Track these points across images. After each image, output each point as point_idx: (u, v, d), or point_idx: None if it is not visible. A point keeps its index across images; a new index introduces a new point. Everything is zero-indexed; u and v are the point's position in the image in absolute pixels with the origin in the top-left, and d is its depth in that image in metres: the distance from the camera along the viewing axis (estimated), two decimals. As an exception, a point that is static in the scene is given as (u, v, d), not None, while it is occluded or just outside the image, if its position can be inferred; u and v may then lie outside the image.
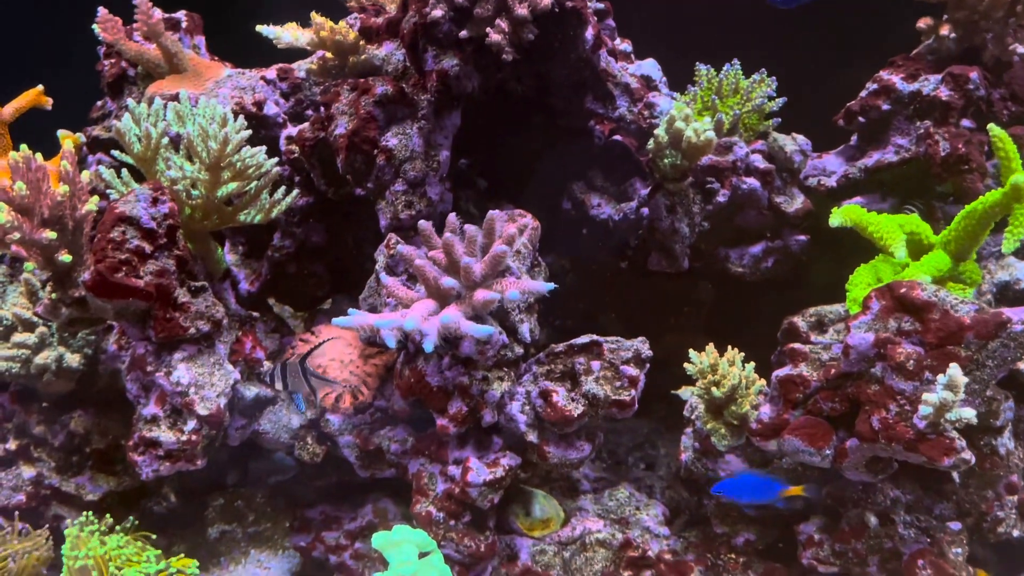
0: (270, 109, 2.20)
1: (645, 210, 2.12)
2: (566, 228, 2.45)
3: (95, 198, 1.79)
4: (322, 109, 2.08)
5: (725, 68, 2.31)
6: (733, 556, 2.12)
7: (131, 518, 2.12)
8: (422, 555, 1.91)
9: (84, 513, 2.02)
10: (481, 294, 1.76)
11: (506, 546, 2.11)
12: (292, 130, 2.20)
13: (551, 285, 1.78)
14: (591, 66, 2.24)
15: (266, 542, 2.39)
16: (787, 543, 2.08)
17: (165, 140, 1.87)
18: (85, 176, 1.77)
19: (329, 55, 2.07)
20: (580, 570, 2.08)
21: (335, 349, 2.16)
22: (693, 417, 2.02)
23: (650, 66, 2.52)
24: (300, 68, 2.30)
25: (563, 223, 2.46)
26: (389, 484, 2.27)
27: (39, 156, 1.72)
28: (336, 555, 2.19)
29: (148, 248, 1.72)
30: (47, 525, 2.13)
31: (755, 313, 2.29)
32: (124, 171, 1.90)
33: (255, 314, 2.13)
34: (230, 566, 2.33)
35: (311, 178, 2.18)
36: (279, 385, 1.84)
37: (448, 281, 1.75)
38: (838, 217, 1.69)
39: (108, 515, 2.05)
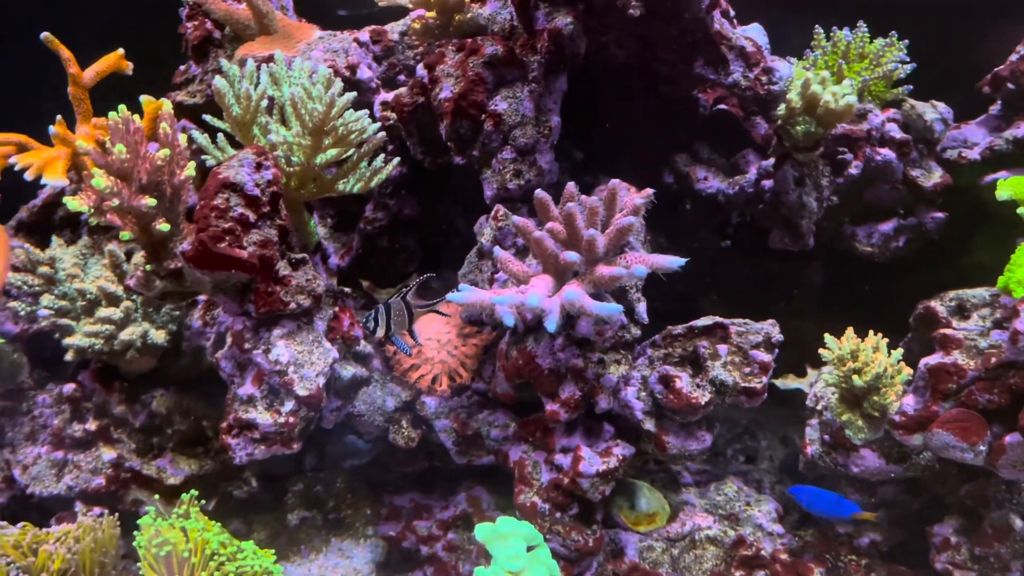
0: (363, 73, 2.07)
1: (767, 183, 1.95)
2: (666, 203, 2.30)
3: (192, 163, 1.68)
4: (423, 71, 1.94)
5: (844, 31, 2.13)
6: (855, 558, 1.97)
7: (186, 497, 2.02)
8: (528, 549, 1.80)
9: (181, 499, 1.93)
10: (606, 269, 1.62)
11: (610, 541, 1.98)
12: (387, 95, 2.07)
13: (682, 260, 1.63)
14: (704, 27, 2.08)
15: (347, 529, 2.29)
16: (915, 545, 1.93)
17: (264, 103, 1.75)
18: (183, 139, 1.65)
19: (431, 14, 1.94)
20: (689, 568, 1.95)
21: (431, 327, 2.04)
22: (820, 408, 1.87)
23: (756, 31, 2.35)
24: (394, 30, 2.16)
25: (663, 198, 2.30)
26: (480, 471, 2.16)
27: (136, 118, 1.61)
28: (428, 546, 2.08)
29: (252, 216, 1.61)
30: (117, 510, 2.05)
31: (877, 296, 2.12)
32: (220, 136, 1.79)
33: (347, 289, 2.01)
34: (311, 555, 2.24)
35: (406, 146, 2.05)
36: (381, 330, 1.67)
37: (570, 255, 1.61)
38: (1007, 189, 1.52)
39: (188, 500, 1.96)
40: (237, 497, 2.23)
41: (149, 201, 1.56)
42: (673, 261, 1.63)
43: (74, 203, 1.54)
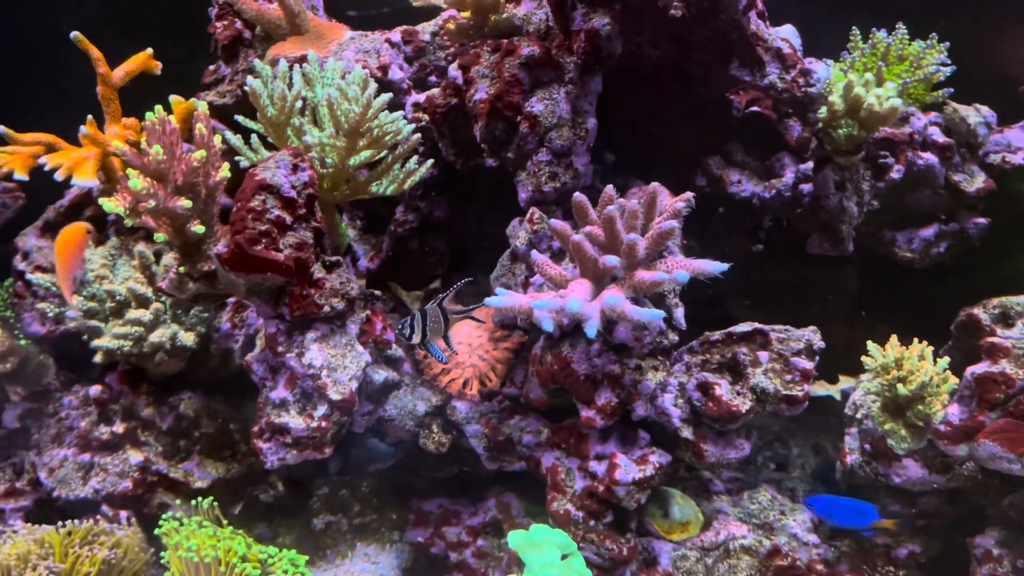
0: (395, 74, 2.05)
1: (806, 187, 1.92)
2: (697, 206, 2.27)
3: (226, 164, 1.66)
4: (456, 73, 1.92)
5: (880, 32, 2.10)
6: (892, 569, 1.93)
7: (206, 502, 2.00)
8: (562, 557, 1.77)
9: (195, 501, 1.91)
10: (647, 274, 1.59)
11: (643, 549, 1.95)
12: (419, 96, 2.04)
13: (724, 265, 1.60)
14: (739, 28, 2.04)
15: (372, 534, 2.26)
16: (955, 556, 1.89)
17: (298, 104, 1.73)
18: (218, 140, 1.64)
19: (465, 14, 1.91)
20: (723, 578, 1.92)
21: (463, 331, 2.01)
22: (859, 416, 1.84)
23: (789, 32, 2.32)
24: (425, 31, 2.14)
25: (694, 200, 2.28)
26: (509, 477, 2.13)
27: (173, 119, 1.59)
28: (457, 552, 2.05)
29: (288, 219, 1.59)
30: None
31: (915, 302, 2.08)
32: (253, 137, 1.77)
33: (376, 292, 1.98)
34: (336, 559, 2.21)
35: (438, 148, 2.02)
36: (417, 336, 1.63)
37: (611, 259, 1.58)
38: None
39: (215, 504, 1.94)
40: (263, 501, 2.21)
41: (185, 203, 1.54)
42: (715, 266, 1.60)
43: (110, 204, 1.52)
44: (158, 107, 1.55)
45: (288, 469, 2.25)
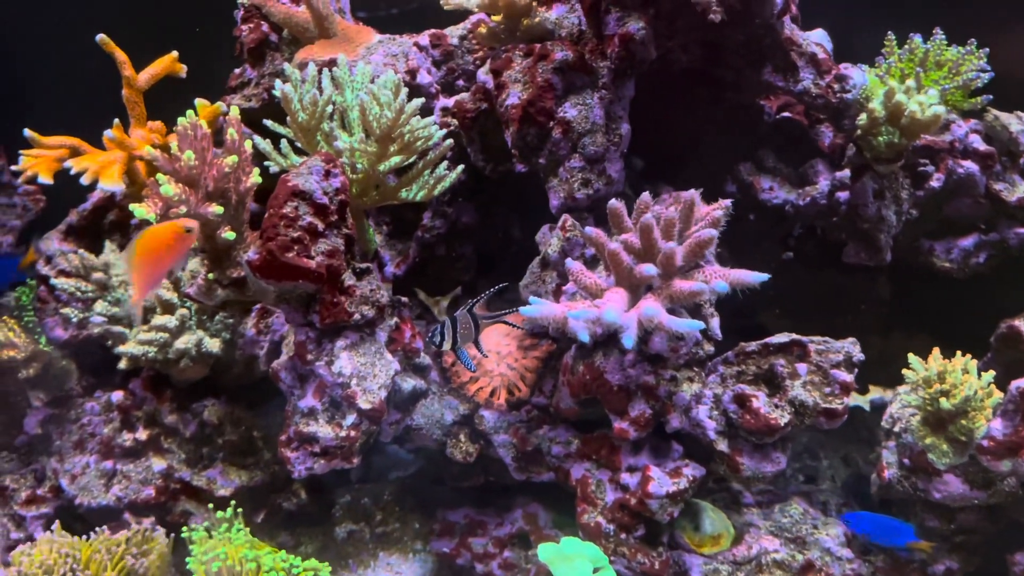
0: (423, 78, 2.02)
1: (843, 194, 1.88)
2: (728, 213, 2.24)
3: (256, 170, 1.64)
4: (485, 77, 1.89)
5: (917, 37, 2.06)
6: (928, 585, 1.89)
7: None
8: (593, 571, 1.74)
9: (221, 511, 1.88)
10: (684, 284, 1.56)
11: (674, 563, 1.91)
12: (447, 101, 2.02)
13: (764, 276, 1.56)
14: (773, 33, 2.01)
15: (395, 544, 2.23)
16: (993, 573, 1.85)
17: (329, 108, 1.70)
18: (248, 146, 1.61)
19: (497, 18, 1.88)
20: (755, 593, 1.88)
21: (491, 339, 1.98)
22: (897, 429, 1.80)
23: (820, 37, 2.28)
24: (453, 34, 2.11)
25: (725, 208, 2.24)
26: (535, 488, 2.10)
27: (203, 124, 1.57)
28: (483, 564, 2.02)
29: (320, 225, 1.56)
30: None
31: (952, 313, 2.04)
32: (283, 142, 1.74)
33: (403, 299, 1.96)
34: (359, 569, 2.19)
35: (467, 153, 2.00)
36: (447, 344, 1.59)
37: (648, 269, 1.55)
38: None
39: (239, 512, 1.91)
40: (286, 509, 2.19)
41: (216, 209, 1.52)
42: (755, 276, 1.56)
43: (141, 210, 1.50)
44: (190, 111, 1.53)
45: (311, 477, 2.23)
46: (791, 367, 1.70)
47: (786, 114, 2.28)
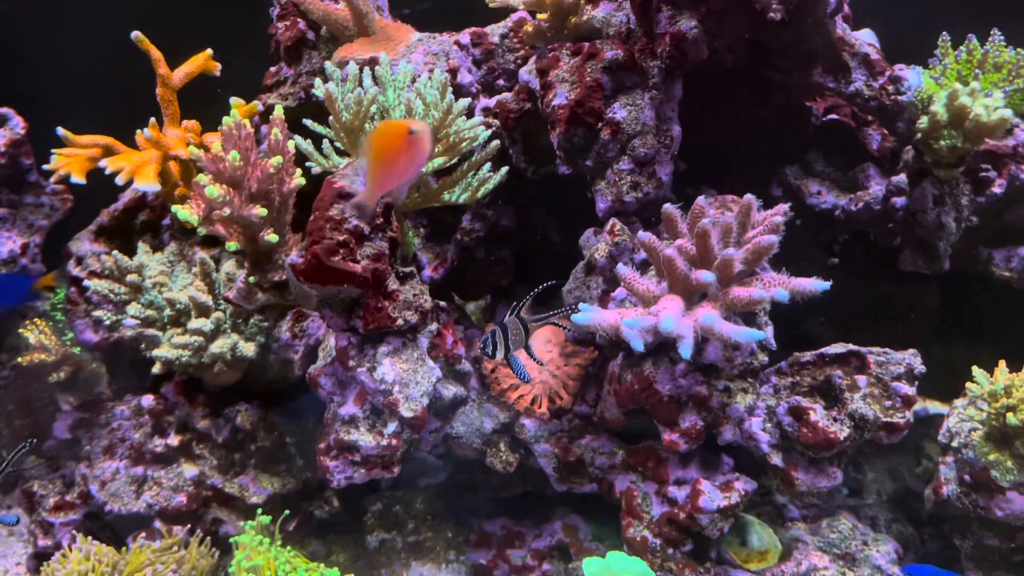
0: (464, 78, 1.97)
1: (899, 200, 1.82)
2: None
3: (299, 171, 1.59)
4: (527, 76, 1.84)
5: (972, 38, 2.00)
6: (984, 605, 1.82)
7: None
8: (640, 587, 1.68)
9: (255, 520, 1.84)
10: (743, 292, 1.50)
11: (720, 579, 1.85)
12: (489, 101, 1.97)
13: (826, 284, 1.50)
14: (825, 33, 1.95)
15: (427, 553, 2.18)
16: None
17: (373, 108, 1.65)
18: (292, 146, 1.56)
19: (543, 16, 1.83)
20: (805, 611, 1.81)
21: (533, 346, 1.92)
22: (956, 445, 1.73)
23: (868, 37, 2.22)
24: (494, 33, 2.06)
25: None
26: (573, 499, 2.04)
27: (247, 123, 1.52)
28: (521, 576, 1.97)
29: (366, 229, 1.51)
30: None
31: (1009, 324, 1.98)
32: (325, 142, 1.70)
33: (443, 303, 1.91)
34: (391, 579, 2.13)
35: (508, 154, 1.94)
36: (500, 352, 1.52)
37: (706, 275, 1.49)
38: None
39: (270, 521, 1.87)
40: (318, 517, 2.14)
41: (260, 211, 1.47)
42: (817, 285, 1.50)
43: (184, 212, 1.46)
44: (234, 111, 1.49)
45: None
46: (850, 379, 1.63)
47: (833, 116, 2.21)
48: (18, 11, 2.85)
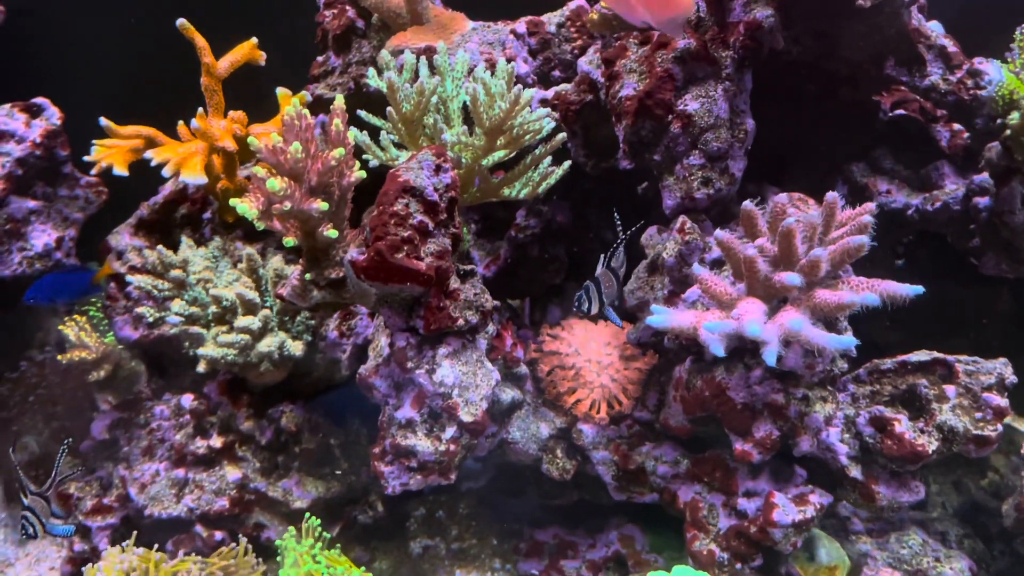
0: (520, 68, 1.89)
1: (982, 200, 1.73)
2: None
3: (357, 163, 1.51)
4: (587, 67, 1.76)
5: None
6: (1066, 626, 1.73)
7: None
8: (708, 603, 1.60)
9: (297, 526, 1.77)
10: (830, 295, 1.42)
11: (787, 595, 1.77)
12: (546, 93, 1.89)
13: (919, 288, 1.42)
14: (899, 24, 1.86)
15: (472, 561, 2.10)
16: None
17: (434, 99, 1.57)
18: (352, 137, 1.49)
19: (606, 3, 1.75)
20: (875, 629, 1.73)
21: (590, 348, 1.85)
22: (1043, 457, 1.64)
23: (937, 28, 2.13)
24: (551, 21, 1.98)
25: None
26: (629, 508, 1.96)
27: (308, 114, 1.44)
28: (576, 588, 1.89)
29: (430, 224, 1.43)
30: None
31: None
32: (382, 135, 1.62)
33: (498, 303, 1.83)
34: (435, 588, 2.06)
35: (566, 147, 1.86)
36: (595, 306, 1.57)
37: (791, 278, 1.41)
38: None
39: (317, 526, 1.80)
40: (361, 522, 2.07)
41: (321, 205, 1.40)
42: (909, 289, 1.42)
43: (243, 206, 1.39)
44: (296, 100, 1.41)
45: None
46: (937, 388, 1.54)
47: (901, 111, 2.12)
48: (55, 1, 2.79)
